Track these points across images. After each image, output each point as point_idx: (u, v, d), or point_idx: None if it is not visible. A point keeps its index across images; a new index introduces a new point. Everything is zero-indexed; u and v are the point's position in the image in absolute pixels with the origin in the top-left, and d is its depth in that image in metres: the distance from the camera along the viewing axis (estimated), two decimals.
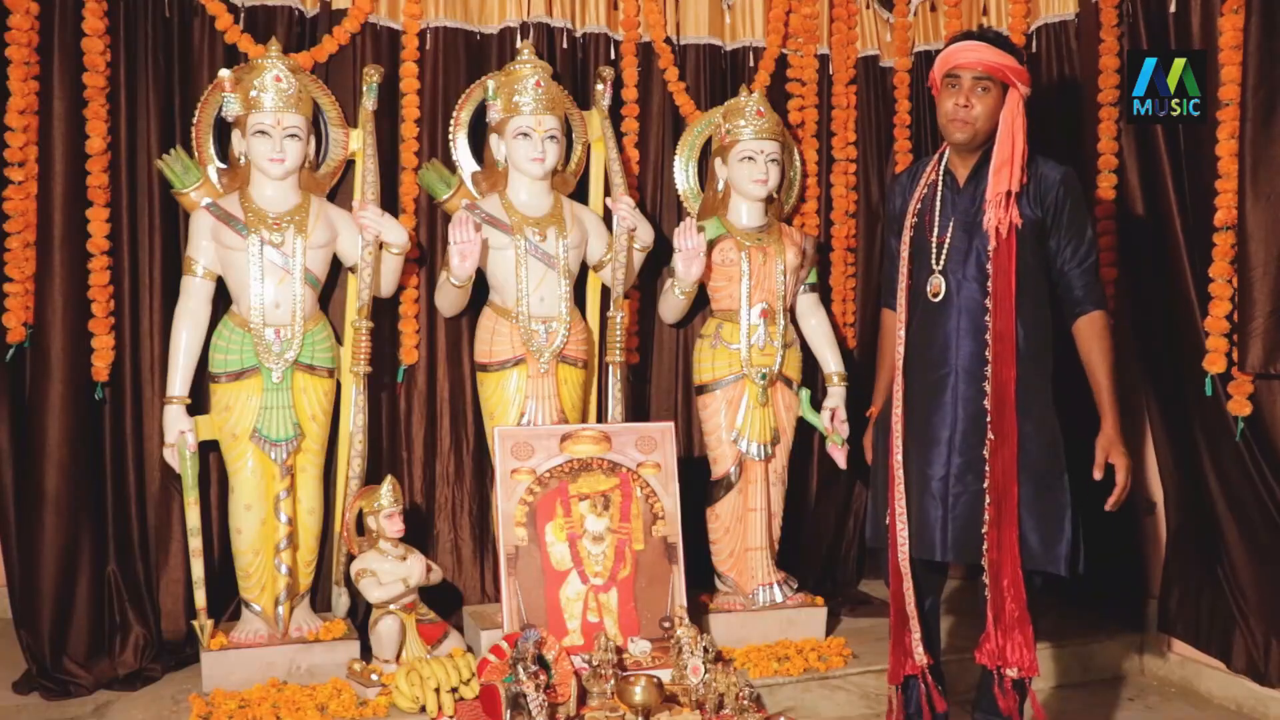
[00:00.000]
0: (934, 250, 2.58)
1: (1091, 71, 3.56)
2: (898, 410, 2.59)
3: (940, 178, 2.64)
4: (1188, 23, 3.22)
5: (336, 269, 3.35)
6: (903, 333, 2.61)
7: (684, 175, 3.82)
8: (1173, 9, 3.27)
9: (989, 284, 2.51)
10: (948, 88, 2.55)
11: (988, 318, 2.50)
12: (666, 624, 3.18)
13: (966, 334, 2.53)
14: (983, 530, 2.48)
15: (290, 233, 3.13)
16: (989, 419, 2.49)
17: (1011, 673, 2.49)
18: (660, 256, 3.62)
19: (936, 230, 2.60)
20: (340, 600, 3.36)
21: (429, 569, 3.19)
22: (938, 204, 2.61)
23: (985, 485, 2.48)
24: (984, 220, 2.52)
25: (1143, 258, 3.40)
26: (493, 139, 3.43)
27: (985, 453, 2.48)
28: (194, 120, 3.29)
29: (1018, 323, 2.50)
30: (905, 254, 2.66)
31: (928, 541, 2.54)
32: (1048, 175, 2.55)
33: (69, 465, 3.09)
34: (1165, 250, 3.31)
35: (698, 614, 3.39)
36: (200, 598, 3.11)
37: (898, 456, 2.58)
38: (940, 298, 2.56)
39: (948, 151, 2.66)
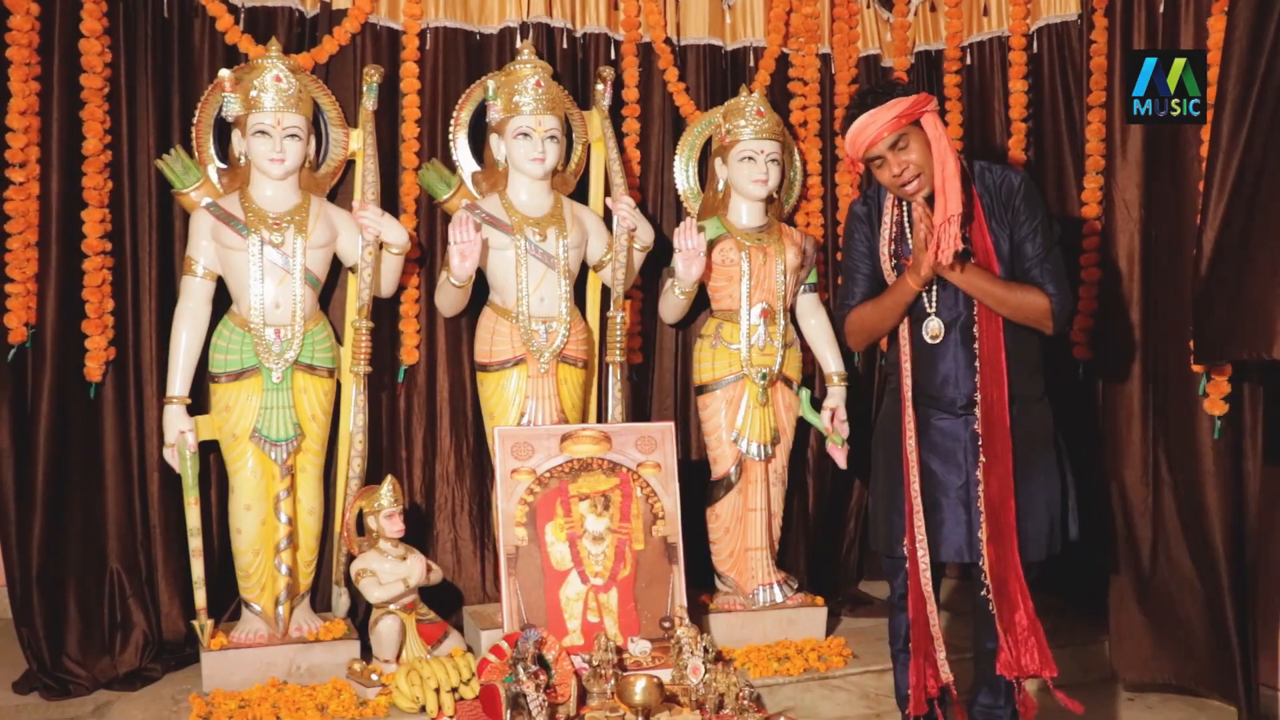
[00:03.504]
0: (923, 294, 2.56)
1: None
2: (910, 442, 2.58)
3: (906, 217, 2.62)
4: (1179, 23, 3.22)
5: (336, 269, 3.35)
6: (908, 365, 2.61)
7: (684, 175, 3.82)
8: (1161, 9, 3.27)
9: (974, 311, 2.52)
10: (875, 166, 2.54)
11: (975, 345, 2.52)
12: (666, 624, 3.18)
13: (965, 366, 2.54)
14: (981, 549, 2.49)
15: (290, 233, 3.14)
16: (980, 442, 2.50)
17: (1031, 684, 2.50)
18: (660, 256, 3.62)
19: None
20: (340, 600, 3.36)
21: (429, 569, 3.19)
22: (911, 246, 2.58)
23: (979, 505, 2.49)
24: (940, 252, 2.48)
25: (1131, 260, 3.40)
26: (493, 139, 3.43)
27: (979, 474, 2.50)
28: (194, 120, 3.30)
29: (1006, 333, 2.51)
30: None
31: (955, 545, 2.55)
32: (1008, 181, 2.54)
33: (63, 465, 3.10)
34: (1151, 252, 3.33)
35: (698, 614, 3.39)
36: (200, 598, 3.12)
37: (915, 485, 2.56)
38: (939, 340, 2.57)
39: None
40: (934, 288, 2.56)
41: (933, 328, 2.57)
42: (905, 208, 2.62)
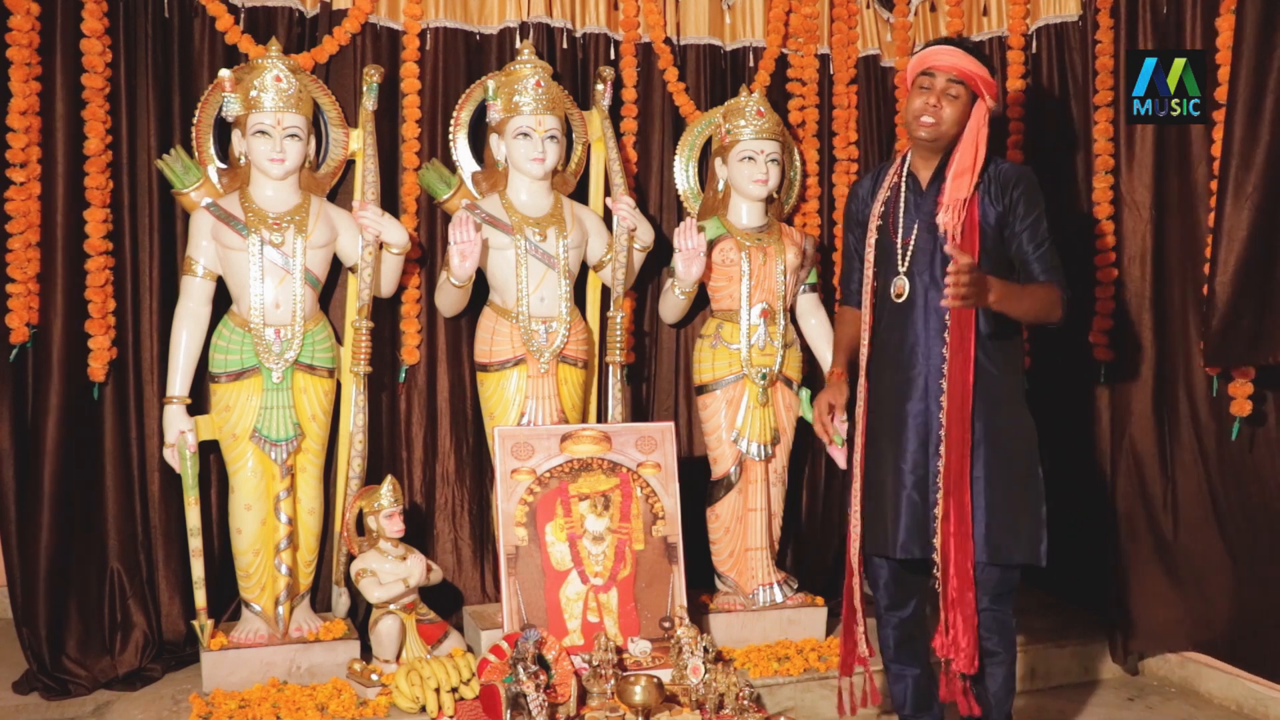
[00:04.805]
0: (899, 252, 2.60)
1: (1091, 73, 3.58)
2: (860, 410, 2.61)
3: (904, 180, 2.66)
4: (1184, 23, 3.23)
5: (336, 269, 3.35)
6: (867, 335, 2.63)
7: (684, 175, 3.82)
8: (1165, 9, 3.28)
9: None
10: (918, 87, 2.59)
11: (947, 316, 2.53)
12: (666, 624, 3.18)
13: (935, 334, 2.55)
14: (933, 525, 2.50)
15: (290, 233, 3.14)
16: (943, 413, 2.51)
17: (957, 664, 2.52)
18: (660, 256, 3.63)
19: (901, 232, 2.62)
20: (340, 600, 3.36)
21: (429, 569, 3.19)
22: (901, 206, 2.64)
23: (939, 480, 2.50)
24: (938, 221, 2.56)
25: (1143, 260, 3.41)
26: (493, 139, 3.43)
27: (942, 449, 2.50)
28: (194, 120, 3.30)
29: (982, 318, 2.52)
30: (870, 256, 2.68)
31: (903, 539, 2.55)
32: (1007, 171, 2.58)
33: (70, 465, 3.10)
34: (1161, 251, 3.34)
35: (698, 614, 3.39)
36: (200, 598, 3.12)
37: (856, 456, 2.61)
38: (904, 299, 2.58)
39: (910, 155, 2.69)
40: (909, 248, 2.58)
41: (898, 285, 2.59)
42: (904, 176, 2.65)
